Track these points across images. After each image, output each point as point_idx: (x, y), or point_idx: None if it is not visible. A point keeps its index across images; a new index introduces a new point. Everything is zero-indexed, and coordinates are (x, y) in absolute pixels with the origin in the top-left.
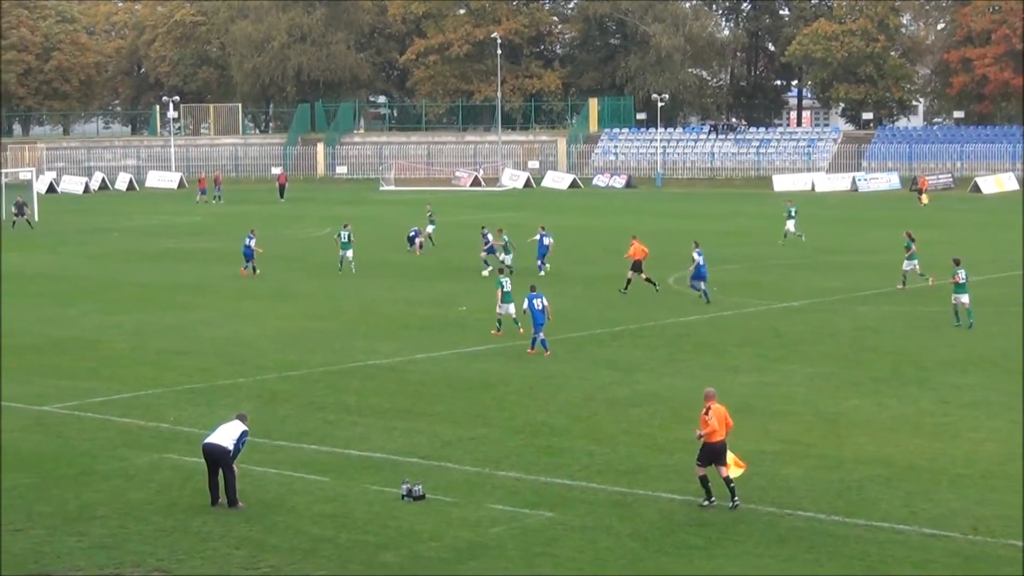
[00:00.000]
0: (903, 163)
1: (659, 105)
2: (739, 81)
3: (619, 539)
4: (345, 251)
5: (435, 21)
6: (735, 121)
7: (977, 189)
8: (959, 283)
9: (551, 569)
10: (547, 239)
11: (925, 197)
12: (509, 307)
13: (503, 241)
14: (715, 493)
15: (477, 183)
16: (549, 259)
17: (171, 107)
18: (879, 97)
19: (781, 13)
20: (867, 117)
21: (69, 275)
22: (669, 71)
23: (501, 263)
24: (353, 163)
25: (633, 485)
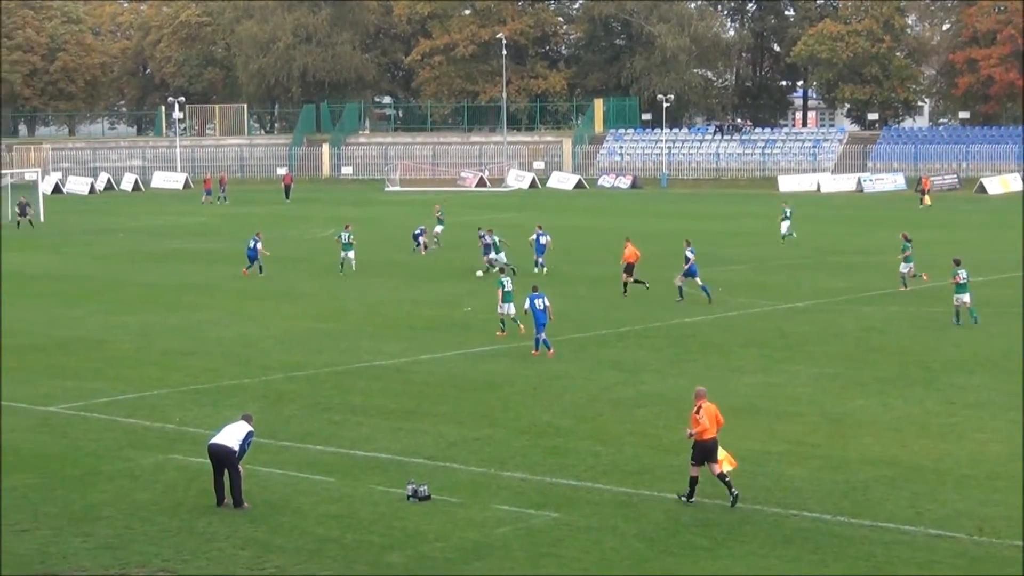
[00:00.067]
0: (908, 164)
1: (664, 106)
2: (744, 82)
3: (625, 540)
4: (346, 252)
5: (440, 21)
6: (740, 122)
7: (982, 190)
8: (960, 283)
9: (557, 569)
10: (544, 238)
11: (928, 198)
12: (509, 307)
13: (492, 240)
14: (699, 493)
15: (482, 184)
16: (547, 258)
17: (176, 108)
18: (884, 98)
19: (786, 14)
20: (872, 118)
21: (74, 275)
22: (674, 72)
23: (494, 262)
24: (358, 164)
25: (639, 486)
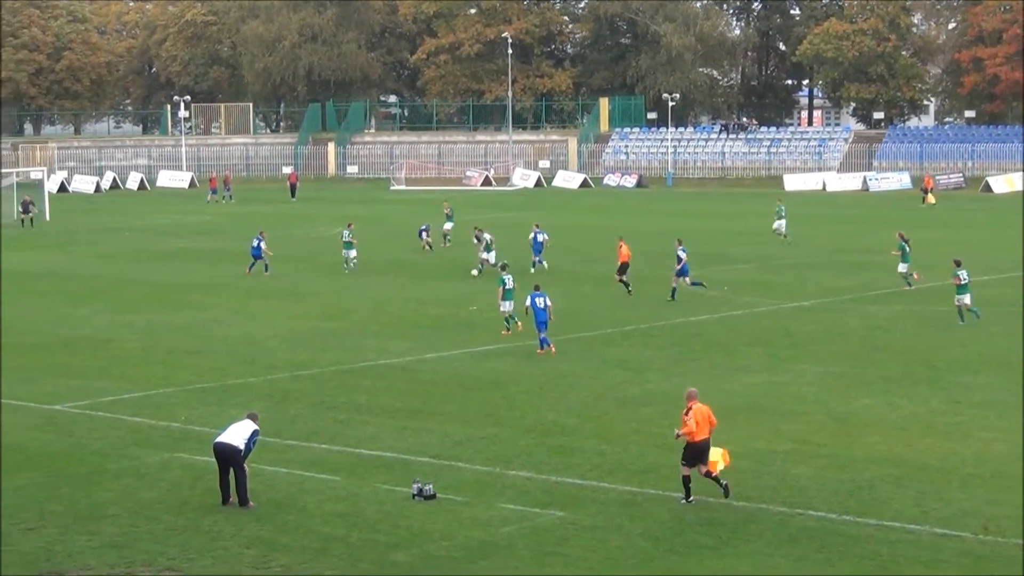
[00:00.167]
0: (914, 163)
1: (670, 105)
2: (750, 80)
3: (630, 538)
4: (347, 251)
5: (446, 21)
6: (746, 121)
7: (988, 189)
8: (961, 284)
9: (562, 568)
10: (541, 236)
11: (931, 197)
12: (510, 304)
13: (484, 240)
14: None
15: (488, 183)
16: (547, 256)
17: (182, 107)
18: (890, 97)
19: (792, 12)
20: (878, 117)
21: (80, 274)
22: (680, 71)
23: (484, 262)
24: (364, 163)
25: (644, 484)
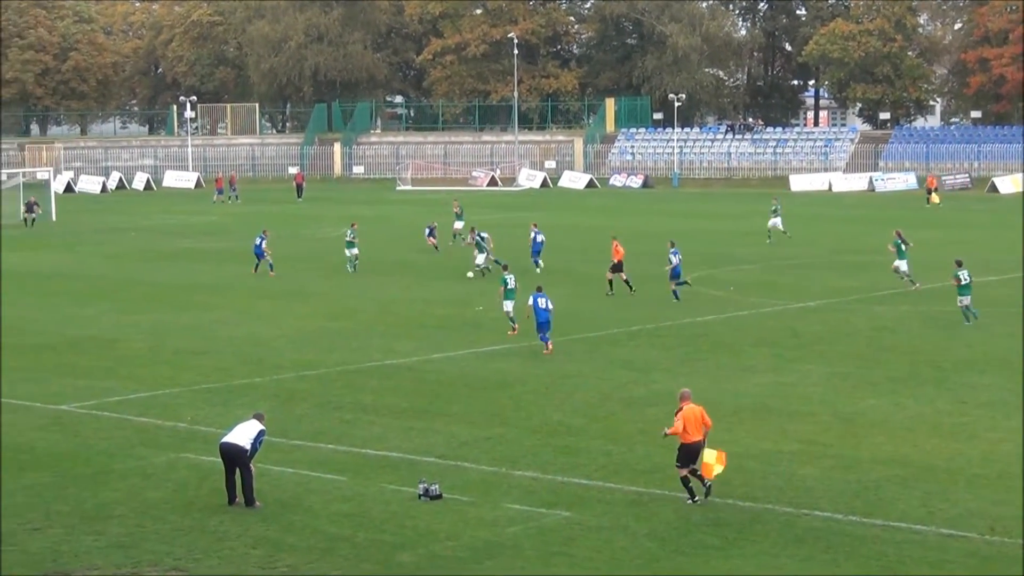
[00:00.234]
0: (920, 163)
1: (676, 105)
2: (756, 81)
3: (636, 539)
4: (349, 250)
5: (452, 21)
6: (752, 121)
7: (994, 189)
8: (961, 285)
9: (568, 569)
10: (540, 236)
11: (935, 196)
12: (510, 304)
13: (476, 239)
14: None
15: (494, 183)
16: (547, 255)
17: (188, 107)
18: (896, 97)
19: (798, 13)
20: (884, 117)
21: (86, 274)
22: (686, 71)
23: (478, 263)
24: (370, 163)
25: (650, 485)
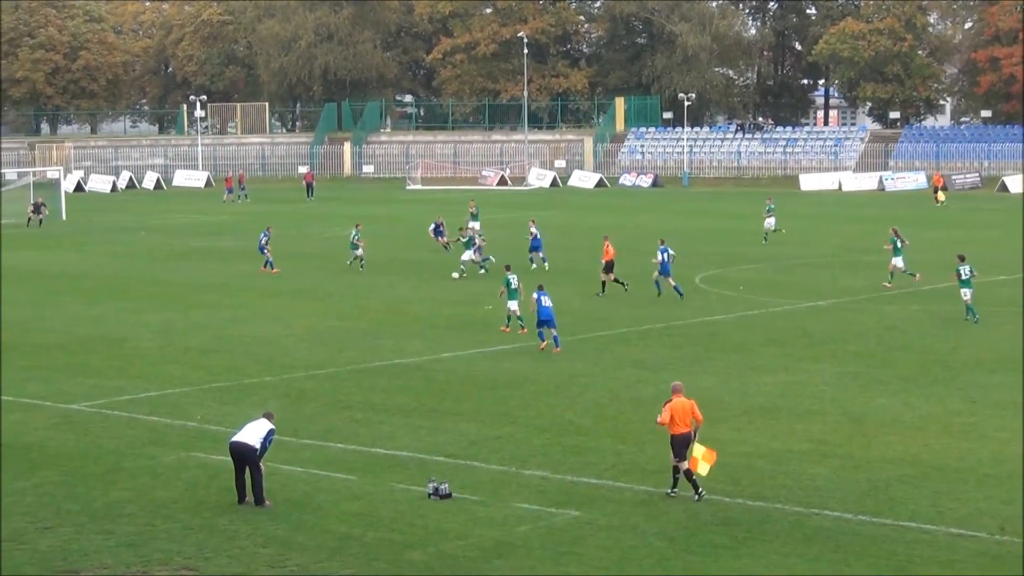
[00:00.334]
0: (930, 162)
1: (686, 104)
2: (766, 80)
3: (645, 538)
4: (354, 250)
5: (462, 20)
6: (762, 120)
7: (1004, 188)
8: (962, 279)
9: (577, 568)
10: (534, 231)
11: (942, 195)
12: (514, 304)
13: (466, 238)
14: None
15: (504, 182)
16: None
17: (198, 106)
18: (906, 96)
19: (808, 12)
20: (894, 116)
21: (96, 274)
22: (696, 70)
23: (469, 262)
24: (380, 162)
25: (659, 484)
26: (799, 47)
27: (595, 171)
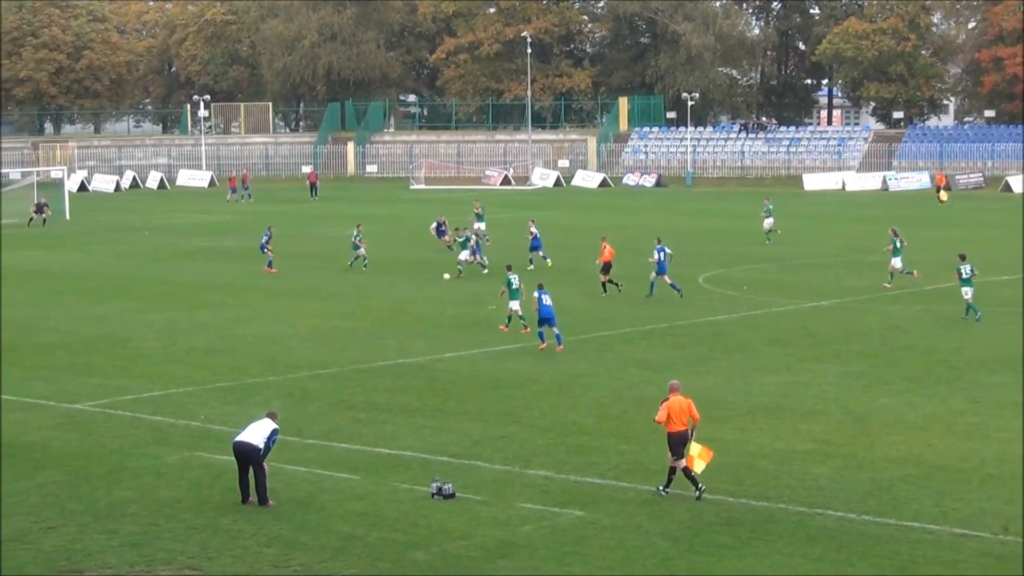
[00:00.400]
0: (934, 162)
1: (689, 104)
2: (769, 80)
3: (649, 538)
4: (355, 251)
5: (465, 20)
6: (765, 120)
7: (1008, 188)
8: (963, 278)
9: (581, 568)
10: (534, 231)
11: (944, 194)
12: (515, 304)
13: (461, 238)
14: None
15: (507, 182)
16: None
17: (202, 106)
18: (910, 96)
19: (812, 12)
20: (898, 116)
21: (99, 273)
22: (699, 70)
23: (460, 262)
24: (383, 162)
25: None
26: (803, 47)
27: (598, 171)
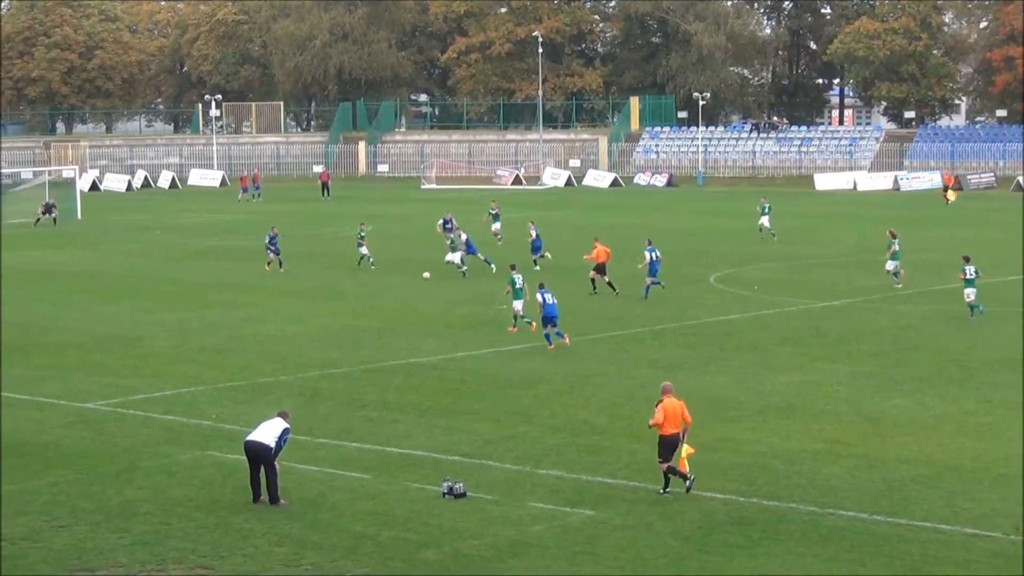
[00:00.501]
0: (945, 162)
1: (700, 104)
2: (781, 80)
3: (660, 537)
4: (359, 249)
5: (476, 20)
6: (777, 120)
7: (1020, 188)
8: (967, 279)
9: (592, 567)
10: (535, 232)
11: (952, 194)
12: (519, 304)
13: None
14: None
15: (518, 182)
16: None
17: (213, 105)
18: (921, 96)
19: (823, 11)
20: (909, 116)
21: (111, 272)
22: (710, 69)
23: (451, 262)
24: (395, 161)
25: (674, 484)
26: (814, 46)
27: (610, 170)
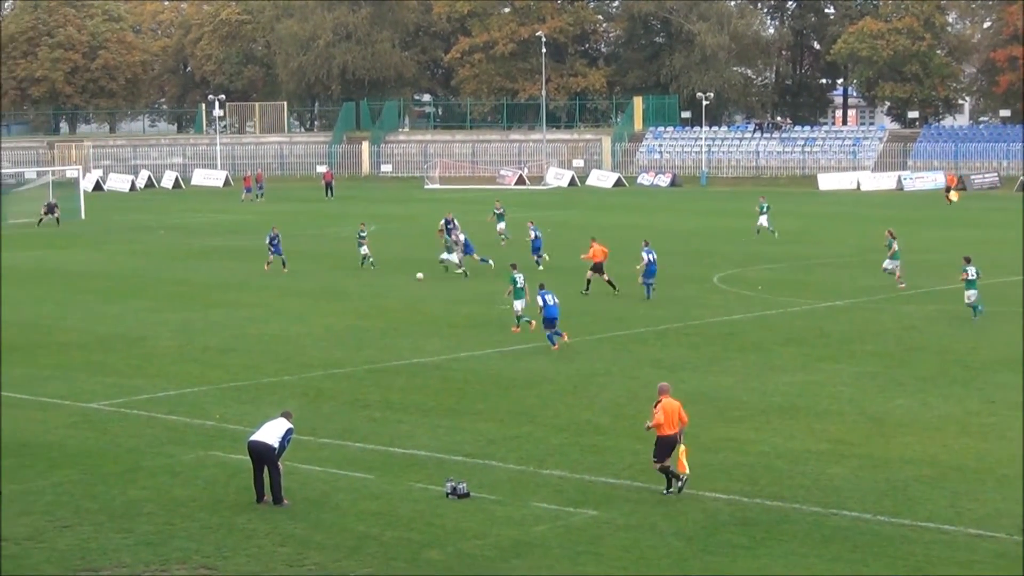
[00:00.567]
0: (949, 162)
1: (704, 104)
2: (784, 80)
3: (663, 538)
4: (359, 248)
5: (480, 20)
6: (780, 120)
7: (1023, 188)
8: (968, 280)
9: (595, 567)
10: (537, 232)
11: (954, 195)
12: (520, 303)
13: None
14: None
15: (522, 182)
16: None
17: (217, 105)
18: (925, 96)
19: (827, 11)
20: (913, 116)
21: (115, 272)
22: (714, 69)
23: (446, 261)
24: (398, 161)
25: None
26: (817, 46)
27: (613, 170)
